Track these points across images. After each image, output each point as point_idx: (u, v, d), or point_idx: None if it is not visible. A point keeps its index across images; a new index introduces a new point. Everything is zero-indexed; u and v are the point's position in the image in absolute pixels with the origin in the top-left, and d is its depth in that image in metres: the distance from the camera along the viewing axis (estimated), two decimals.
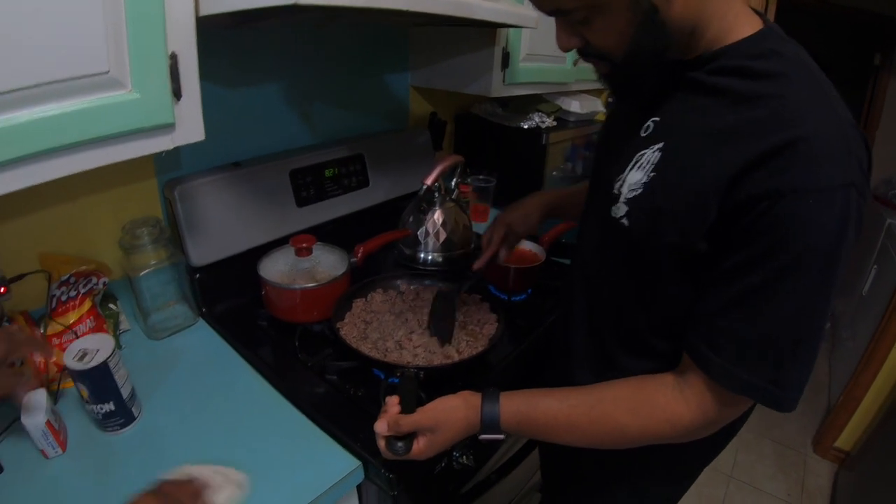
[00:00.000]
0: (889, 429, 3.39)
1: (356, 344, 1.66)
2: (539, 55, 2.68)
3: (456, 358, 1.64)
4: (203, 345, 1.79)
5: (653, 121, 1.22)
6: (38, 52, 1.02)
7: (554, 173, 3.20)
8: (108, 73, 1.14)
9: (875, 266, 4.62)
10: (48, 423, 1.30)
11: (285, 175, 2.13)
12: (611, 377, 1.25)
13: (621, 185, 1.23)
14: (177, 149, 1.33)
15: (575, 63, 3.03)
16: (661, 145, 1.16)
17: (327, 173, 2.29)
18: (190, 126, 1.35)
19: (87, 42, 1.09)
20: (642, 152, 1.19)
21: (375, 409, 1.32)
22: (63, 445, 1.36)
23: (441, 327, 1.73)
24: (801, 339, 1.02)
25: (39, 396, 1.31)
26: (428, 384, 1.49)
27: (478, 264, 1.92)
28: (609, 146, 1.40)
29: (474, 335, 1.77)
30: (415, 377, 1.44)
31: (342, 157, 2.36)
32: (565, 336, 1.54)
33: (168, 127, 1.30)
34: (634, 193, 1.19)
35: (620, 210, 1.22)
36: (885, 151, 6.07)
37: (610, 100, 3.46)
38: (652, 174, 1.16)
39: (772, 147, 0.94)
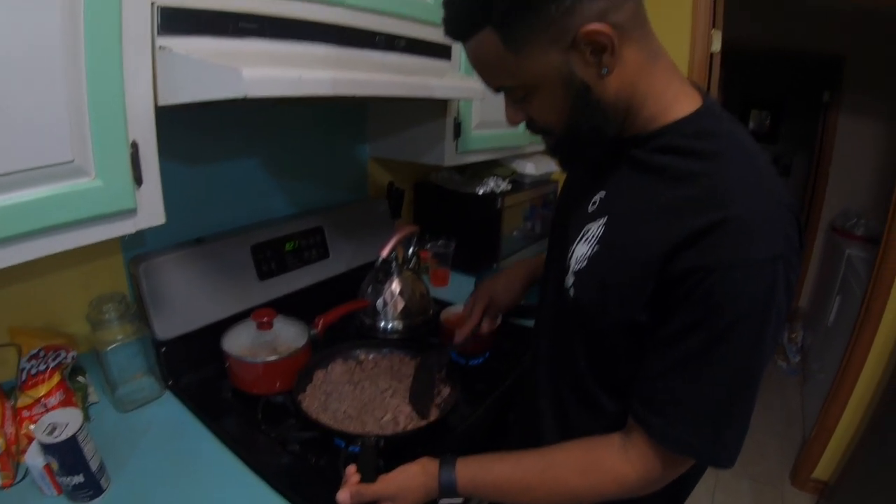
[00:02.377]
0: (864, 456, 3.50)
1: (317, 415, 1.69)
2: (491, 122, 2.74)
3: (412, 426, 1.68)
4: (169, 417, 1.80)
5: (600, 195, 1.28)
6: (5, 143, 1.09)
7: (514, 233, 3.29)
8: (72, 162, 1.21)
9: (838, 297, 4.74)
10: (46, 466, 1.39)
11: (247, 250, 2.18)
12: (573, 435, 1.29)
13: (570, 257, 1.28)
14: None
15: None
16: (604, 220, 1.22)
17: (288, 247, 2.34)
18: (151, 210, 1.42)
19: (52, 133, 1.16)
20: (588, 226, 1.26)
21: (338, 479, 1.35)
22: (59, 488, 1.43)
23: (421, 402, 1.76)
24: (736, 399, 1.07)
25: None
26: (388, 452, 1.52)
27: (458, 338, 1.89)
28: (563, 217, 1.46)
29: (437, 399, 1.82)
30: (375, 446, 1.49)
31: (302, 230, 2.41)
32: (531, 396, 1.57)
33: (130, 212, 1.36)
34: (580, 266, 1.24)
35: (569, 281, 1.27)
36: (839, 185, 6.33)
37: None
38: (596, 248, 1.21)
39: (705, 225, 1.00)
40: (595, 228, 1.24)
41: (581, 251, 1.25)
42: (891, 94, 5.61)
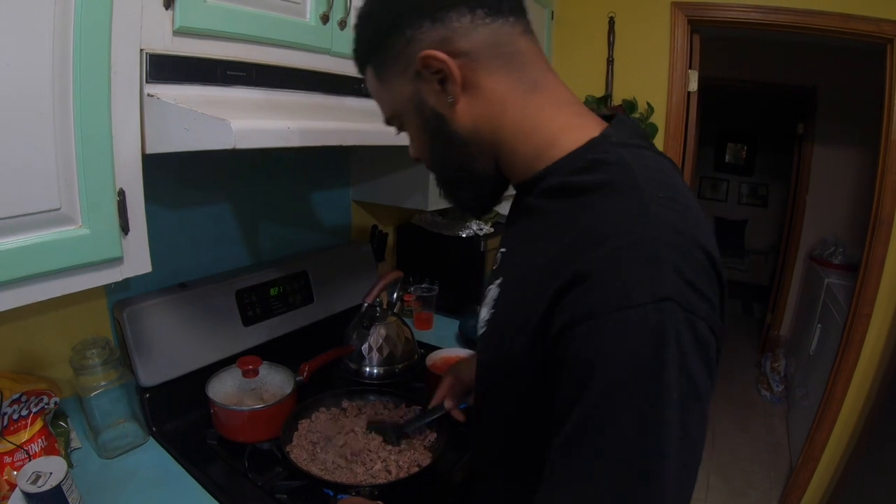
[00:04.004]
0: (851, 483, 3.51)
1: (307, 466, 1.67)
2: None
3: (404, 474, 1.67)
4: (153, 464, 1.78)
5: (501, 251, 1.20)
6: None
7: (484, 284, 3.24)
8: (59, 209, 1.21)
9: (819, 325, 4.75)
10: None
11: (231, 295, 2.18)
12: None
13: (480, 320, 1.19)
14: None
15: None
16: (499, 281, 1.12)
17: (272, 292, 2.34)
18: (137, 259, 1.41)
19: (39, 180, 1.16)
20: (490, 287, 1.15)
21: None
22: None
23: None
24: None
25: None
26: (382, 501, 1.50)
27: (424, 413, 1.88)
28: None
29: (419, 448, 1.80)
30: (369, 496, 1.49)
31: (286, 274, 2.42)
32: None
33: (116, 260, 1.35)
34: (482, 331, 1.15)
35: (479, 346, 1.20)
36: (817, 215, 6.41)
37: None
38: (492, 311, 1.11)
39: (573, 275, 0.84)
40: (493, 290, 1.13)
41: (483, 315, 1.16)
42: (862, 122, 5.68)
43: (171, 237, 2.11)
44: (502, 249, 1.19)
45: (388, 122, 1.18)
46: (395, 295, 2.41)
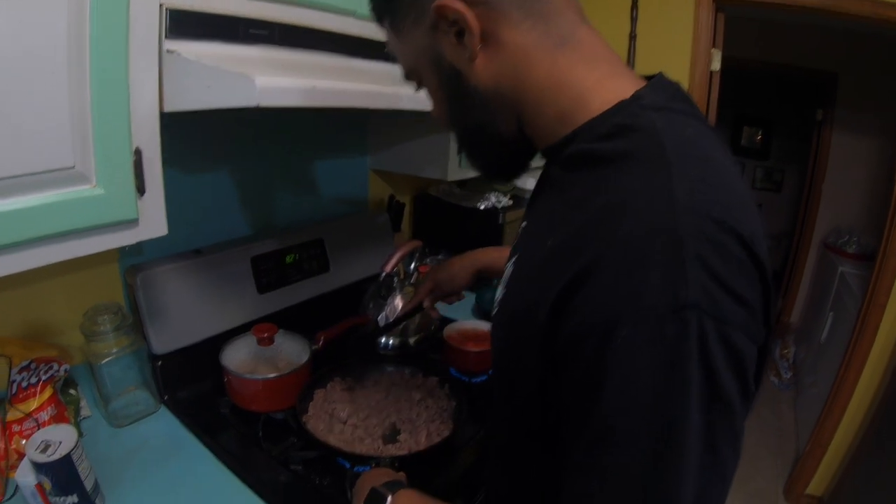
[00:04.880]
0: (858, 472, 3.50)
1: (324, 437, 1.65)
2: None
3: (424, 445, 1.64)
4: (165, 432, 1.76)
5: (523, 226, 1.12)
6: (4, 147, 1.04)
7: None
8: (73, 168, 1.16)
9: (831, 313, 4.70)
10: (38, 485, 1.32)
11: (247, 262, 2.15)
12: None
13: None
14: None
15: None
16: (515, 258, 1.03)
17: (288, 259, 2.31)
18: (153, 221, 1.37)
19: (53, 137, 1.11)
20: (508, 264, 1.05)
21: (342, 499, 1.35)
22: None
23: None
24: None
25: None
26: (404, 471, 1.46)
27: (404, 307, 1.98)
28: None
29: (439, 420, 1.78)
30: (390, 466, 1.45)
31: (302, 242, 2.38)
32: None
33: (132, 222, 1.31)
34: (494, 312, 1.08)
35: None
36: (832, 203, 6.35)
37: None
38: (504, 292, 1.03)
39: (584, 267, 0.73)
40: (509, 268, 1.04)
41: (497, 294, 1.07)
42: (883, 110, 5.66)
43: (186, 203, 2.06)
44: (524, 223, 1.11)
45: (407, 77, 1.11)
46: (412, 265, 2.37)
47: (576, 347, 0.73)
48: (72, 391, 1.75)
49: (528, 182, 3.35)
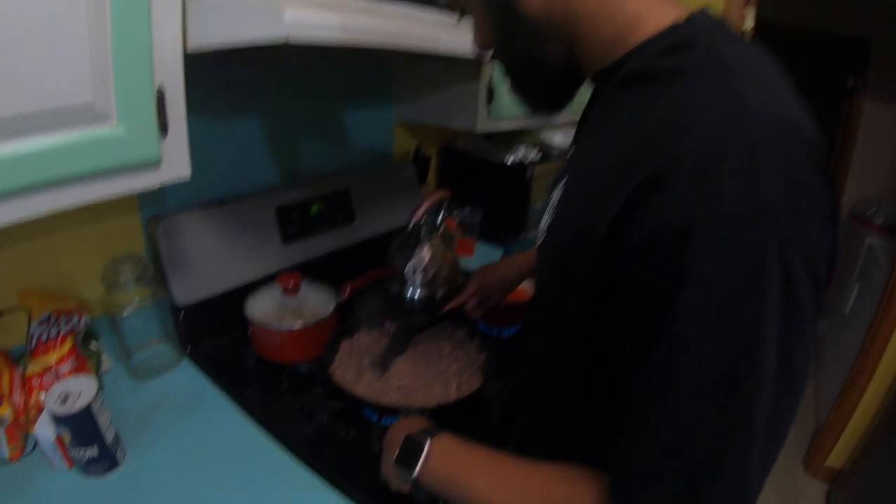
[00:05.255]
0: (879, 445, 3.44)
1: (352, 388, 1.62)
2: None
3: (455, 396, 1.61)
4: (188, 385, 1.73)
5: (571, 151, 1.11)
6: (19, 81, 0.99)
7: (538, 205, 3.18)
8: (92, 105, 1.10)
9: (857, 285, 4.63)
10: (58, 438, 1.30)
11: (271, 212, 2.11)
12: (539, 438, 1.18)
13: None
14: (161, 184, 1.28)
15: None
16: (565, 181, 1.00)
17: (313, 210, 2.26)
18: (176, 162, 1.31)
19: (71, 72, 1.05)
20: (553, 192, 1.04)
21: (368, 451, 1.33)
22: (70, 462, 1.35)
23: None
24: (724, 440, 0.70)
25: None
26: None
27: (451, 305, 1.91)
28: None
29: (469, 372, 1.75)
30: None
31: (328, 192, 2.34)
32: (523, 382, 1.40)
33: (154, 164, 1.26)
34: (540, 240, 1.07)
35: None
36: (862, 173, 6.18)
37: None
38: (553, 216, 1.00)
39: (652, 173, 0.70)
40: (556, 194, 1.01)
41: (543, 222, 1.06)
42: None
43: (209, 152, 2.01)
44: (571, 150, 1.08)
45: (451, 6, 1.07)
46: (440, 216, 2.31)
47: (647, 256, 0.71)
48: (93, 345, 1.71)
49: (556, 137, 3.35)
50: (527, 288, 2.17)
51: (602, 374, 0.90)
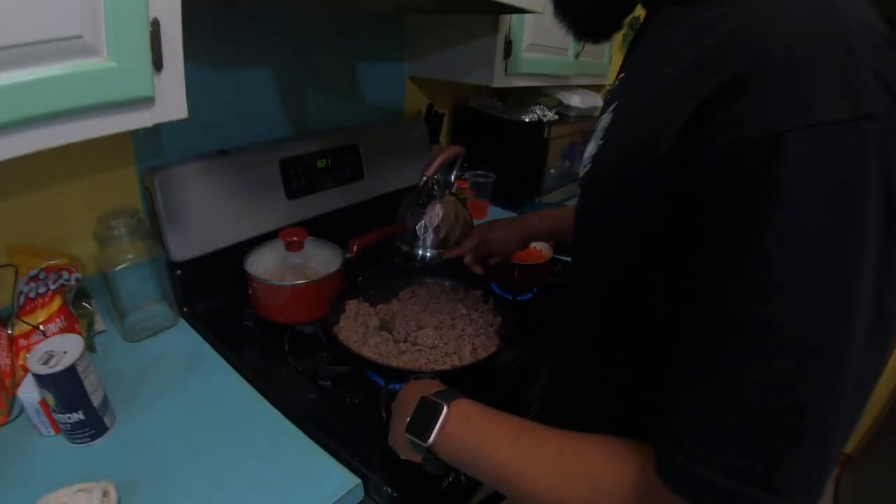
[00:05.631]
0: (889, 430, 3.41)
1: (358, 349, 1.53)
2: (541, 45, 2.62)
3: (469, 360, 1.52)
4: (184, 347, 1.66)
5: (620, 77, 0.97)
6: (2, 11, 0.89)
7: (552, 171, 3.11)
8: (80, 37, 1.01)
9: None
10: (42, 402, 1.24)
11: (275, 165, 2.01)
12: (579, 397, 1.06)
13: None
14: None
15: (577, 55, 2.97)
16: (614, 105, 0.88)
17: (320, 164, 2.17)
18: (171, 101, 1.20)
19: (58, 3, 0.96)
20: (601, 119, 0.93)
21: (374, 418, 1.26)
22: (56, 427, 1.28)
23: None
24: (805, 403, 0.59)
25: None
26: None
27: (448, 254, 1.93)
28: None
29: (484, 335, 1.65)
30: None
31: (336, 147, 2.24)
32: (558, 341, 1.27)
33: (147, 101, 1.16)
34: (584, 170, 0.94)
35: (580, 194, 0.99)
36: None
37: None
38: (601, 142, 0.89)
39: (731, 80, 0.61)
40: (605, 119, 0.90)
41: (588, 152, 0.95)
42: None
43: (211, 101, 1.93)
44: (620, 76, 0.95)
45: None
46: (453, 174, 2.21)
47: (727, 171, 0.61)
48: (85, 304, 1.64)
49: (574, 98, 3.27)
50: (543, 251, 2.10)
51: (656, 323, 0.80)
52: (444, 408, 0.97)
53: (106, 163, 1.72)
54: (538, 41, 2.58)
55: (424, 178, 1.95)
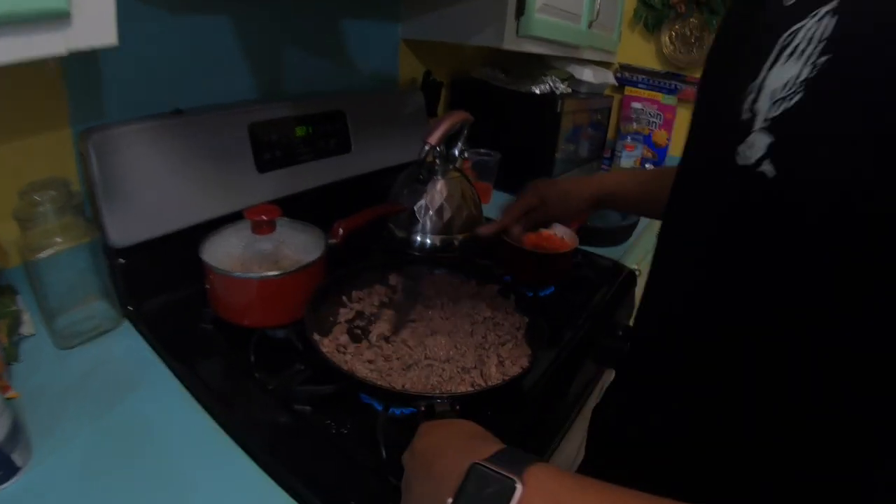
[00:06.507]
0: None
1: (346, 362, 1.24)
2: (555, 8, 2.50)
3: (497, 378, 1.23)
4: (125, 356, 1.36)
5: None
6: None
7: (557, 156, 2.92)
8: None
9: None
10: None
11: (243, 129, 1.74)
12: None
13: (754, 100, 0.61)
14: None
15: (590, 24, 2.85)
16: (834, 4, 0.56)
17: (299, 132, 1.91)
18: (93, 20, 0.89)
19: None
20: (796, 26, 0.59)
21: (369, 457, 1.01)
22: None
23: None
24: None
25: None
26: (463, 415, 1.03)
27: (484, 229, 1.68)
28: (724, 54, 0.77)
29: (511, 343, 1.38)
30: (451, 410, 1.01)
31: (317, 113, 1.99)
32: (654, 361, 0.91)
33: (60, 17, 0.84)
34: (785, 107, 0.58)
35: (756, 148, 0.61)
36: None
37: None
38: (821, 59, 0.55)
39: None
40: (812, 25, 0.57)
41: (784, 76, 0.58)
42: None
43: (167, 49, 1.65)
44: None
45: None
46: (458, 145, 1.96)
47: None
48: (9, 302, 1.38)
49: (586, 72, 3.17)
50: (566, 239, 1.86)
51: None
52: (518, 487, 0.60)
53: (32, 124, 1.46)
54: (551, 3, 2.44)
55: (427, 147, 1.67)
